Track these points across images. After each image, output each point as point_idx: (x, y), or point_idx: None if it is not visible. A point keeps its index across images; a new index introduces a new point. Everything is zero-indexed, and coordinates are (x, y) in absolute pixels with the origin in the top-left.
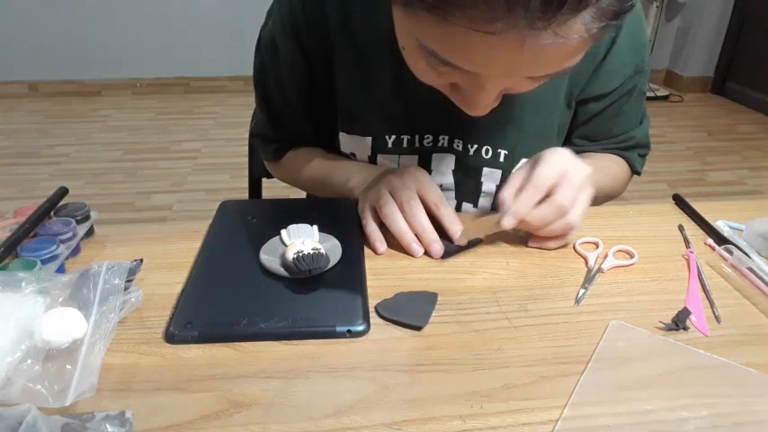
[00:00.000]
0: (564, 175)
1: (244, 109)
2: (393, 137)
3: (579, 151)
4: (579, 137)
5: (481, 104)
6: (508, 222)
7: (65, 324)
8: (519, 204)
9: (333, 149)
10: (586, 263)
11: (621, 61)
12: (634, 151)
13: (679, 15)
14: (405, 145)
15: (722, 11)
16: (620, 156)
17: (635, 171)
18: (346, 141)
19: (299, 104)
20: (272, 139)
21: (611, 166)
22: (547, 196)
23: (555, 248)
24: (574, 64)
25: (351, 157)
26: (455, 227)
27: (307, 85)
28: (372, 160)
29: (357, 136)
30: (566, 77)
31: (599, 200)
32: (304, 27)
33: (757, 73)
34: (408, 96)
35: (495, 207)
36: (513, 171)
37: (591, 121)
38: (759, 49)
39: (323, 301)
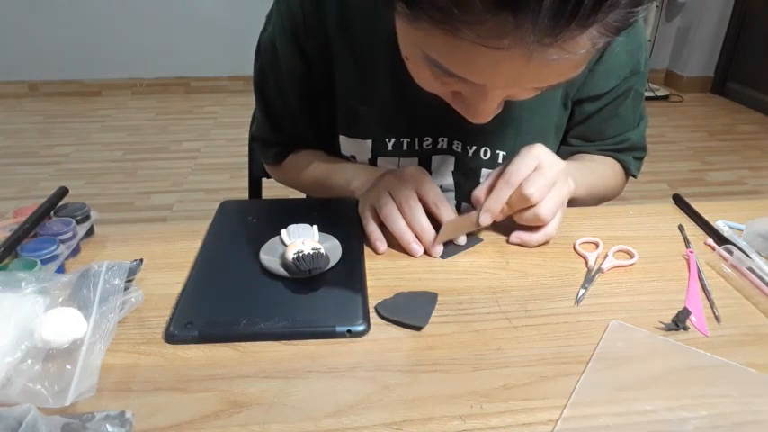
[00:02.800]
0: (537, 169)
1: (244, 109)
2: (393, 140)
3: (574, 152)
4: (575, 137)
5: (483, 112)
6: (485, 220)
7: (65, 324)
8: (491, 201)
9: (333, 152)
10: (586, 263)
11: (617, 62)
12: (629, 154)
13: (679, 15)
14: (404, 147)
15: (722, 11)
16: (614, 158)
17: (630, 174)
18: (346, 144)
19: (299, 107)
20: (273, 143)
21: (601, 168)
22: None
23: (536, 246)
24: (577, 74)
25: (351, 159)
26: None
27: (307, 88)
28: (372, 163)
29: (357, 139)
30: None
31: (588, 201)
32: (303, 30)
33: (757, 73)
34: (407, 99)
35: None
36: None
37: (586, 121)
38: (759, 49)
39: (323, 301)
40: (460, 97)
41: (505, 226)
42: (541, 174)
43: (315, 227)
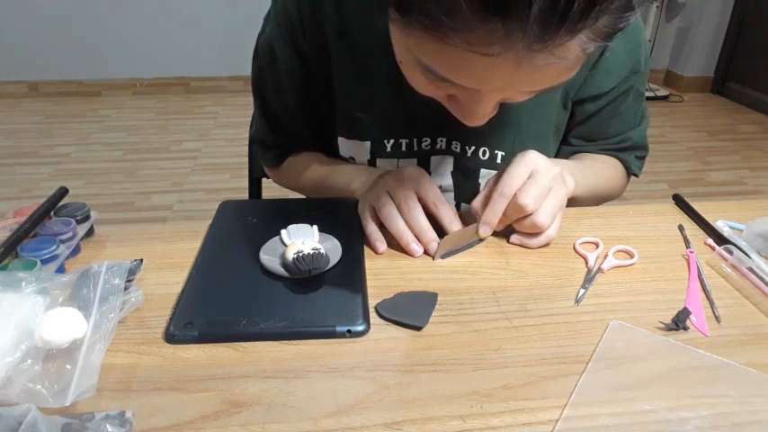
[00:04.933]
0: (531, 176)
1: (244, 109)
2: (392, 141)
3: (576, 151)
4: (576, 137)
5: (478, 115)
6: (484, 232)
7: (65, 324)
8: (488, 214)
9: (332, 154)
10: (586, 263)
11: (617, 61)
12: (630, 153)
13: (679, 15)
14: (403, 148)
15: (722, 11)
16: (615, 157)
17: (632, 173)
18: (345, 146)
19: (297, 109)
20: (272, 145)
21: (603, 167)
22: None
23: (536, 247)
24: (570, 78)
25: (350, 161)
26: (454, 225)
27: (305, 90)
28: (371, 164)
29: (356, 140)
30: None
31: (590, 200)
32: (301, 31)
33: (757, 73)
34: (406, 100)
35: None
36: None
37: (587, 121)
38: (759, 49)
39: (323, 301)
40: (455, 100)
41: (506, 227)
42: (535, 182)
43: (315, 227)
